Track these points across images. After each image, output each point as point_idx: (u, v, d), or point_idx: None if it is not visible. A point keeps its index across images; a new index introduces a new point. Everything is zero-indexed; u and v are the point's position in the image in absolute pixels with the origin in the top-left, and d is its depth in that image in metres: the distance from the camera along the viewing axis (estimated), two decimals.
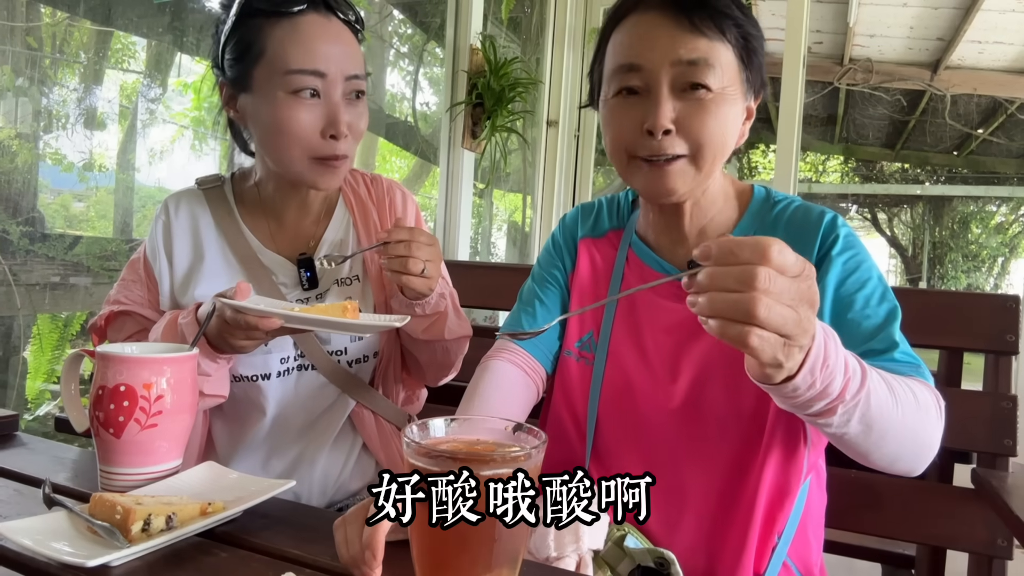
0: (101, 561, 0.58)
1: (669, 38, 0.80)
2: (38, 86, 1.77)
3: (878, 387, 0.66)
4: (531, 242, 3.65)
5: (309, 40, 0.95)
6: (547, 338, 0.99)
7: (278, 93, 0.95)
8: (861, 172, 10.67)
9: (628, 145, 0.84)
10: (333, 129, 0.96)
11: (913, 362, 0.79)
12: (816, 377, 0.58)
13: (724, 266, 0.53)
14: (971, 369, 1.20)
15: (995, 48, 4.93)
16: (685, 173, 0.83)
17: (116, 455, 0.76)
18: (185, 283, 1.05)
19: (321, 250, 1.08)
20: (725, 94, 0.81)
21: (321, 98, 0.96)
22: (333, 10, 0.98)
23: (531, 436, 0.55)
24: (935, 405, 0.75)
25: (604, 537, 0.75)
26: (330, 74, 0.95)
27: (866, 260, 0.85)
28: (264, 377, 1.03)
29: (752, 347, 0.53)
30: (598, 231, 1.02)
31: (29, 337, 1.86)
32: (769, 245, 0.53)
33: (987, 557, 1.05)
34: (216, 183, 1.12)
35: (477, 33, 2.67)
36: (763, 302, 0.52)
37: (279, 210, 1.09)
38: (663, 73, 0.80)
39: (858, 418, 0.64)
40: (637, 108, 0.82)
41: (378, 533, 0.59)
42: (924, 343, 1.14)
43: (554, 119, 3.43)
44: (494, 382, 0.92)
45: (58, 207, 1.89)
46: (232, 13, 0.97)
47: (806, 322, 0.55)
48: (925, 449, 0.75)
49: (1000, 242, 10.85)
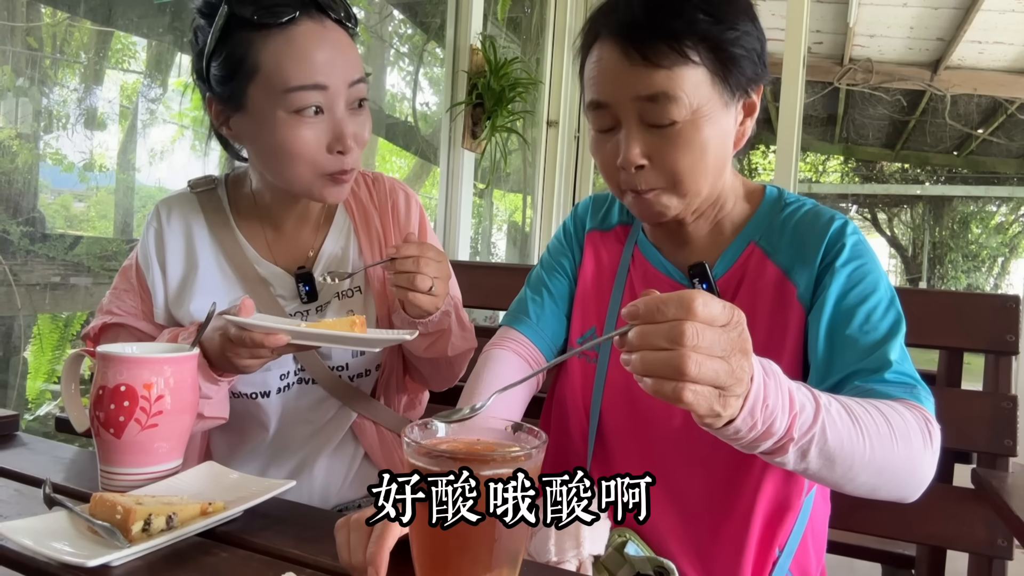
0: (101, 561, 0.58)
1: (625, 74, 0.77)
2: (38, 86, 1.77)
3: (838, 420, 0.63)
4: (531, 242, 3.65)
5: (307, 52, 0.88)
6: (550, 330, 0.98)
7: (278, 113, 0.89)
8: (861, 172, 10.68)
9: (610, 178, 0.84)
10: (340, 145, 0.91)
11: (906, 383, 0.74)
12: (757, 418, 0.57)
13: (652, 324, 0.53)
14: (971, 369, 1.20)
15: (995, 48, 4.93)
16: (669, 200, 0.81)
17: (116, 455, 0.76)
18: (179, 295, 1.01)
19: (320, 261, 1.05)
20: (697, 119, 0.77)
21: (324, 113, 0.90)
22: (326, 12, 0.91)
23: (531, 436, 0.55)
24: (921, 432, 0.70)
25: (605, 542, 0.75)
26: (332, 85, 0.89)
27: (873, 271, 0.81)
28: (264, 395, 1.01)
29: (687, 403, 0.53)
30: (607, 224, 1.01)
31: (30, 337, 1.86)
32: (692, 299, 0.52)
33: (987, 557, 1.05)
34: (210, 186, 1.07)
35: (477, 33, 2.67)
36: (692, 358, 0.52)
37: (277, 219, 1.05)
38: (628, 109, 0.78)
39: (816, 453, 0.62)
40: (612, 143, 0.81)
41: (382, 550, 0.58)
42: (924, 343, 1.14)
43: (554, 119, 3.43)
44: (496, 371, 0.91)
45: (58, 207, 1.90)
46: (217, 25, 0.89)
47: (739, 371, 0.55)
48: (908, 479, 0.71)
49: (1000, 242, 10.86)
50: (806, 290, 0.82)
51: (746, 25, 0.78)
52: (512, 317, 1.00)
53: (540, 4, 3.49)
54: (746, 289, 0.86)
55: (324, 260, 1.05)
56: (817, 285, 0.82)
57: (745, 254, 0.87)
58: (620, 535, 0.77)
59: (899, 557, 1.42)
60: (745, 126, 0.84)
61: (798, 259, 0.84)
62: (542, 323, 0.98)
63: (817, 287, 0.82)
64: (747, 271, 0.86)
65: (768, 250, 0.86)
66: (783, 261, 0.85)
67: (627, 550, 0.72)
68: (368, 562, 0.58)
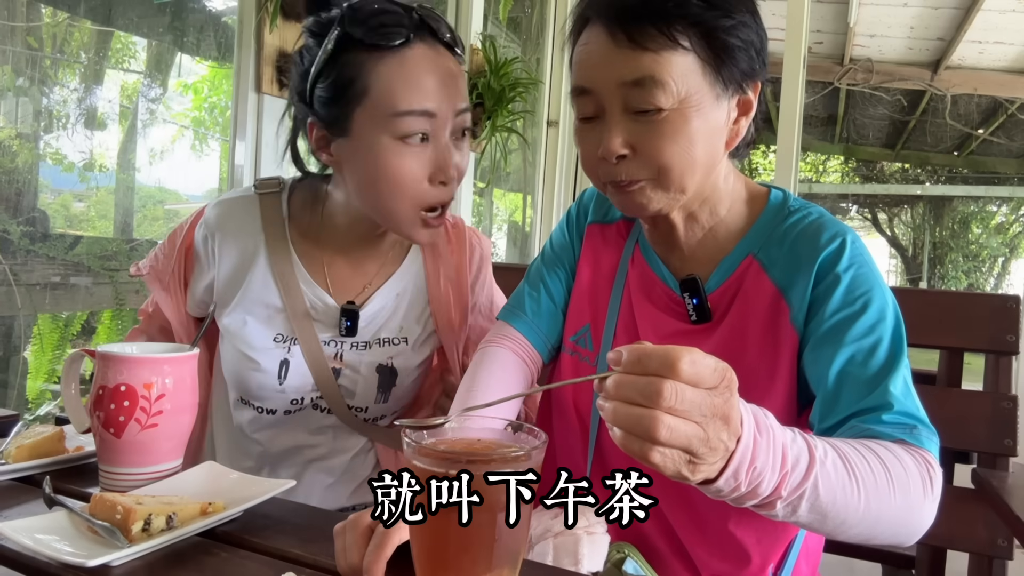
0: (101, 561, 0.58)
1: (610, 57, 0.74)
2: (38, 86, 1.77)
3: (832, 473, 0.59)
4: (531, 242, 3.65)
5: (418, 76, 0.86)
6: (545, 327, 0.97)
7: (383, 138, 0.86)
8: (861, 172, 10.67)
9: (592, 170, 0.81)
10: (443, 175, 0.89)
11: (907, 423, 0.70)
12: (741, 480, 0.54)
13: (631, 374, 0.50)
14: (971, 369, 1.20)
15: (995, 48, 4.93)
16: (652, 194, 0.78)
17: (116, 455, 0.76)
18: (224, 298, 1.00)
19: (376, 298, 1.01)
20: (685, 108, 0.73)
21: (430, 141, 0.88)
22: (437, 36, 0.89)
23: (531, 436, 0.55)
24: (922, 479, 0.66)
25: (603, 559, 0.74)
26: (440, 113, 0.87)
27: (876, 298, 0.75)
28: (270, 412, 1.01)
29: (654, 463, 0.50)
30: (610, 217, 0.98)
31: (30, 337, 1.85)
32: (679, 357, 0.48)
33: (987, 557, 1.05)
34: (275, 189, 1.03)
35: (477, 33, 2.67)
36: (664, 423, 0.48)
37: (343, 246, 1.01)
38: (612, 96, 0.75)
39: (807, 508, 0.59)
40: (595, 132, 0.78)
41: (380, 559, 0.58)
42: (924, 343, 1.14)
43: (554, 119, 3.43)
44: (491, 369, 0.90)
45: (59, 207, 1.89)
46: (327, 46, 0.86)
47: (714, 440, 0.50)
48: (904, 529, 0.66)
49: (1000, 242, 10.85)
50: (798, 313, 0.78)
51: (743, 15, 0.75)
52: (509, 312, 0.99)
53: (540, 4, 3.49)
54: (739, 305, 0.82)
55: (380, 298, 1.02)
56: (810, 313, 0.77)
57: (742, 267, 0.83)
58: (619, 550, 0.76)
59: (899, 557, 1.42)
60: (739, 125, 0.80)
61: (793, 277, 0.79)
62: (538, 319, 0.97)
63: (810, 316, 0.77)
64: (742, 286, 0.82)
65: (766, 264, 0.81)
66: (779, 277, 0.80)
67: (625, 567, 0.71)
68: (365, 570, 0.58)
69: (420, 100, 0.86)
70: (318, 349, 0.98)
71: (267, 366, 0.97)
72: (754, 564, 0.81)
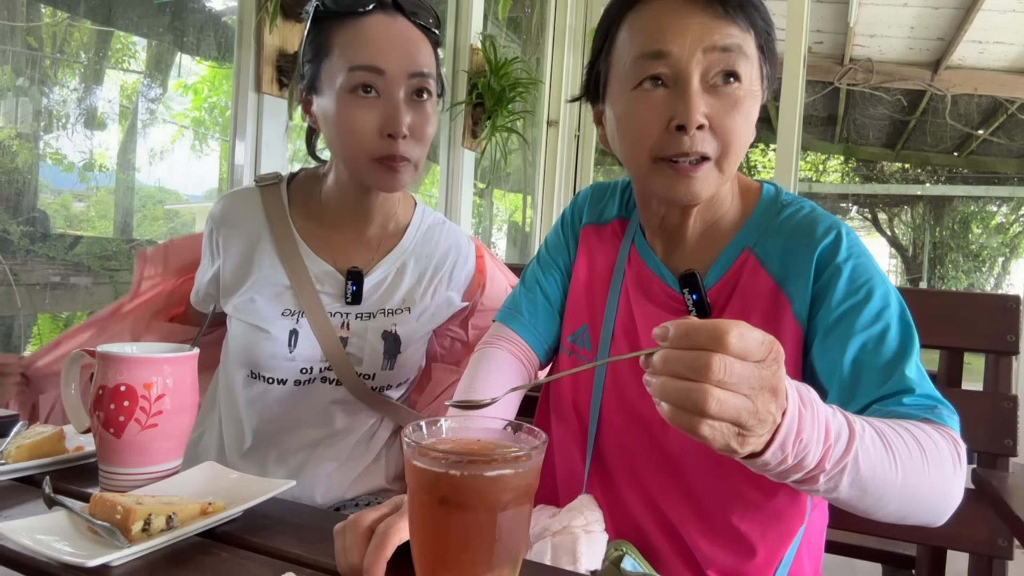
0: (101, 561, 0.58)
1: (701, 24, 0.75)
2: (38, 86, 1.77)
3: (871, 448, 0.60)
4: (531, 242, 3.65)
5: (371, 38, 0.95)
6: (543, 327, 0.97)
7: (340, 92, 0.95)
8: (861, 172, 10.67)
9: (653, 145, 0.77)
10: (391, 128, 0.95)
11: (928, 404, 0.71)
12: (788, 452, 0.54)
13: (679, 349, 0.50)
14: (971, 369, 1.20)
15: (995, 48, 4.93)
16: (709, 177, 0.78)
17: (116, 455, 0.76)
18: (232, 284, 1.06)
19: (378, 270, 1.07)
20: (753, 88, 0.77)
21: (381, 97, 0.95)
22: (401, 10, 0.98)
23: (531, 436, 0.55)
24: (951, 453, 0.67)
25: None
26: (389, 72, 0.95)
27: (878, 286, 0.76)
28: (280, 382, 1.03)
29: (704, 437, 0.51)
30: (604, 218, 0.99)
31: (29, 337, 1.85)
32: (727, 331, 0.49)
33: (987, 557, 1.05)
34: (274, 181, 1.12)
35: (477, 33, 2.67)
36: (714, 396, 0.48)
37: (339, 217, 1.08)
38: (694, 62, 0.74)
39: (848, 483, 0.60)
40: (664, 103, 0.76)
41: (380, 560, 0.58)
42: (924, 343, 1.12)
43: (554, 119, 3.43)
44: (489, 370, 0.91)
45: (58, 207, 1.89)
46: (308, 19, 0.99)
47: (763, 412, 0.51)
48: (938, 504, 0.67)
49: (1000, 242, 10.84)
50: (802, 307, 0.79)
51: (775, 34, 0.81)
52: (506, 313, 0.99)
53: (540, 4, 3.49)
54: (737, 300, 0.82)
55: (384, 267, 1.08)
56: (814, 307, 0.78)
57: (739, 262, 0.84)
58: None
59: (899, 557, 1.42)
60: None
61: (791, 271, 0.80)
62: (535, 321, 0.97)
63: (815, 309, 0.78)
64: (740, 280, 0.83)
65: (762, 258, 0.83)
66: (776, 271, 0.81)
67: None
68: (365, 570, 0.58)
69: (370, 57, 0.94)
70: (325, 319, 1.03)
71: (277, 334, 1.01)
72: (759, 557, 0.80)
